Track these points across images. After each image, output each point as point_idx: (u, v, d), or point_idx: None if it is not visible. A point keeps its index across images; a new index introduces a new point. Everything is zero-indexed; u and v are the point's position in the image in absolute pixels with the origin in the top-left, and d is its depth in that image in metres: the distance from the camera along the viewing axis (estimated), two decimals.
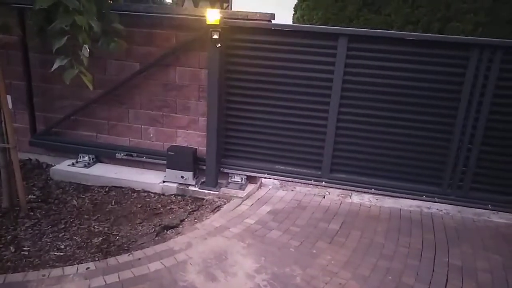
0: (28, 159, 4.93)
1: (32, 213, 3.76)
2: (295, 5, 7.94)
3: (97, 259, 3.14)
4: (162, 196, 4.35)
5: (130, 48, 4.23)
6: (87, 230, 3.58)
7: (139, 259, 3.14)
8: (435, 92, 3.99)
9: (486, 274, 3.30)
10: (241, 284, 2.92)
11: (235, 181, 4.61)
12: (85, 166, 4.65)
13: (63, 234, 3.48)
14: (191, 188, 4.40)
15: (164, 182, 4.44)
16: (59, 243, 3.34)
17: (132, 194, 4.34)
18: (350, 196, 4.67)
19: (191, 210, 4.07)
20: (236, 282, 2.94)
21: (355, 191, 4.57)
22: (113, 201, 4.16)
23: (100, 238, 3.45)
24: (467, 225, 4.18)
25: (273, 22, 4.20)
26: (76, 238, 3.44)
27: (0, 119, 3.53)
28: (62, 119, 4.75)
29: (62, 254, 3.19)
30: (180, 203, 4.23)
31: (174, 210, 4.07)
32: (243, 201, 4.31)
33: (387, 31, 4.12)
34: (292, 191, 4.75)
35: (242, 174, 4.60)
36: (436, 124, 4.08)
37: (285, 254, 3.37)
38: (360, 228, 3.91)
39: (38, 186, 4.34)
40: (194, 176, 4.46)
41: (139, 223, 3.75)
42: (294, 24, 5.11)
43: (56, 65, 3.03)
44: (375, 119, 4.17)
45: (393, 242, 3.70)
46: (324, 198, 4.61)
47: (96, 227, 3.64)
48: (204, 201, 4.30)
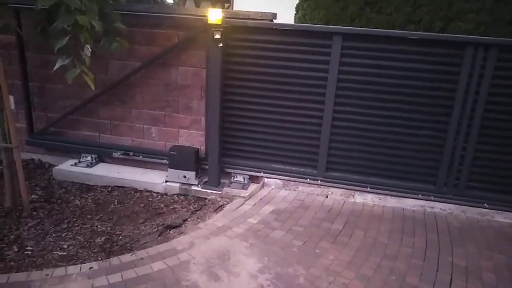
0: (31, 159, 4.94)
1: (35, 212, 3.76)
2: (297, 5, 7.92)
3: (100, 258, 3.13)
4: (165, 196, 4.34)
5: (131, 48, 4.23)
6: (90, 229, 3.58)
7: (142, 258, 3.14)
8: (429, 90, 3.98)
9: (491, 274, 3.28)
10: (244, 284, 2.91)
11: (237, 180, 4.60)
12: (87, 166, 4.65)
13: (66, 233, 3.48)
14: (193, 187, 4.40)
15: (166, 182, 4.44)
16: (62, 242, 3.34)
17: (135, 194, 4.34)
18: (353, 196, 4.66)
19: (193, 210, 4.07)
20: (239, 282, 2.93)
21: (350, 190, 4.55)
22: (115, 200, 4.16)
23: (103, 238, 3.45)
24: (471, 224, 4.16)
25: (274, 21, 4.19)
26: (79, 237, 3.44)
27: (3, 119, 3.54)
28: (59, 119, 4.75)
29: (65, 253, 3.19)
30: (183, 202, 4.23)
31: (177, 209, 4.07)
32: (245, 200, 4.31)
33: (381, 30, 4.08)
34: (294, 190, 4.74)
35: (243, 174, 4.59)
36: (431, 122, 4.07)
37: (288, 254, 3.36)
38: (363, 228, 3.90)
39: (41, 186, 4.34)
40: (197, 176, 4.46)
41: (142, 223, 3.75)
42: (289, 23, 5.09)
43: (58, 64, 3.03)
44: (370, 118, 4.16)
45: (396, 242, 3.69)
46: (327, 197, 4.60)
47: (99, 226, 3.64)
48: (206, 200, 4.29)
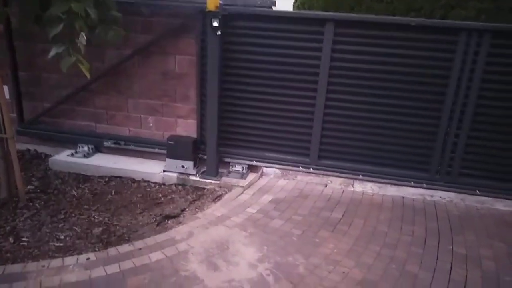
0: (27, 150, 4.88)
1: (31, 203, 3.72)
2: None
3: (97, 249, 3.10)
4: (163, 186, 4.31)
5: (127, 36, 4.14)
6: (87, 220, 3.54)
7: (140, 249, 3.11)
8: (423, 77, 3.93)
9: (490, 262, 3.27)
10: (243, 273, 2.89)
11: (236, 170, 4.56)
12: (84, 156, 4.60)
13: (62, 224, 3.44)
14: (191, 177, 4.36)
15: (164, 171, 4.40)
16: (59, 233, 3.31)
17: (132, 184, 4.30)
18: (353, 185, 4.63)
19: (192, 200, 4.03)
20: (238, 271, 2.91)
21: (342, 177, 4.53)
22: (113, 191, 4.12)
23: (100, 228, 3.41)
24: (470, 213, 4.15)
25: (274, 8, 4.12)
26: (76, 228, 3.40)
27: None
28: (49, 108, 4.69)
29: (61, 244, 3.16)
30: (181, 192, 4.20)
31: (175, 199, 4.04)
32: (244, 190, 4.28)
33: (373, 16, 4.01)
34: (293, 180, 4.71)
35: (240, 163, 4.56)
36: (423, 109, 4.04)
37: (287, 243, 3.34)
38: (362, 217, 3.88)
39: (37, 177, 4.29)
40: (195, 166, 4.42)
41: (140, 213, 3.72)
42: (282, 10, 5.01)
43: (52, 52, 2.95)
44: (362, 106, 4.13)
45: (396, 230, 3.67)
46: (326, 186, 4.57)
47: (96, 217, 3.60)
48: (205, 190, 4.26)
